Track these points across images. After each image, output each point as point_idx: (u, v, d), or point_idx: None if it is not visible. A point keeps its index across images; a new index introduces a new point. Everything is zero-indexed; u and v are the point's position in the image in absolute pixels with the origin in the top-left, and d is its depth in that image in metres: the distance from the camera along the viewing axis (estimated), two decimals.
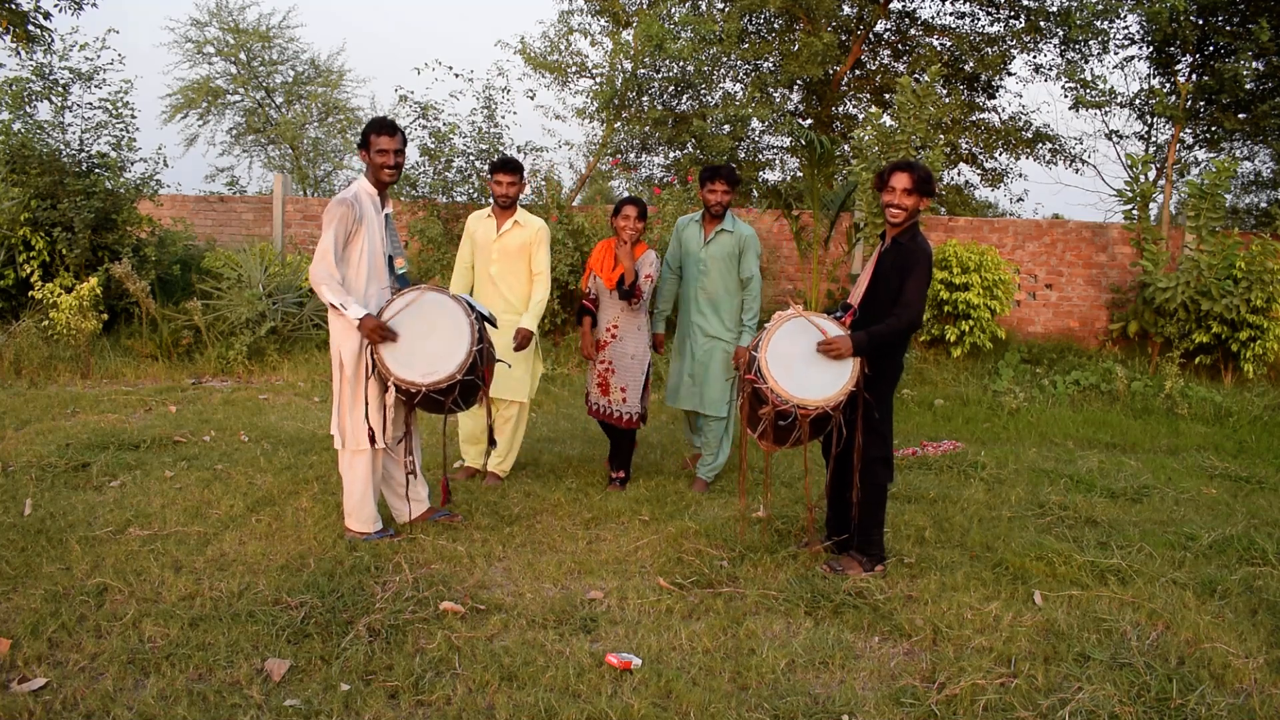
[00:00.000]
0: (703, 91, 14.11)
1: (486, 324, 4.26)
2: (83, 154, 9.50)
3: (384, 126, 4.10)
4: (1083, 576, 3.92)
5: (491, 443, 4.43)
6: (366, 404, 4.08)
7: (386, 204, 4.22)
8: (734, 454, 5.89)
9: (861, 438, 3.89)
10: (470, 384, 4.08)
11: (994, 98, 16.02)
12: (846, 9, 15.13)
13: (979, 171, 16.57)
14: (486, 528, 4.37)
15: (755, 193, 14.77)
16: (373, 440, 4.10)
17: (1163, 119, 12.24)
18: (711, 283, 5.18)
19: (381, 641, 3.14)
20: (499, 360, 4.50)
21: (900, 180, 3.85)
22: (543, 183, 10.40)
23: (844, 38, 15.25)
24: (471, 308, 4.13)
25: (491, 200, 5.19)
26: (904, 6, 15.83)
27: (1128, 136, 14.81)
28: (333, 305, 3.95)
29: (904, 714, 2.82)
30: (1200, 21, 11.12)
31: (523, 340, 5.01)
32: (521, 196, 5.27)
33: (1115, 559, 4.11)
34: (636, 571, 3.89)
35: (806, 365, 3.81)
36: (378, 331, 3.92)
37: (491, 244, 5.13)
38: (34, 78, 9.43)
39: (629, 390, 5.10)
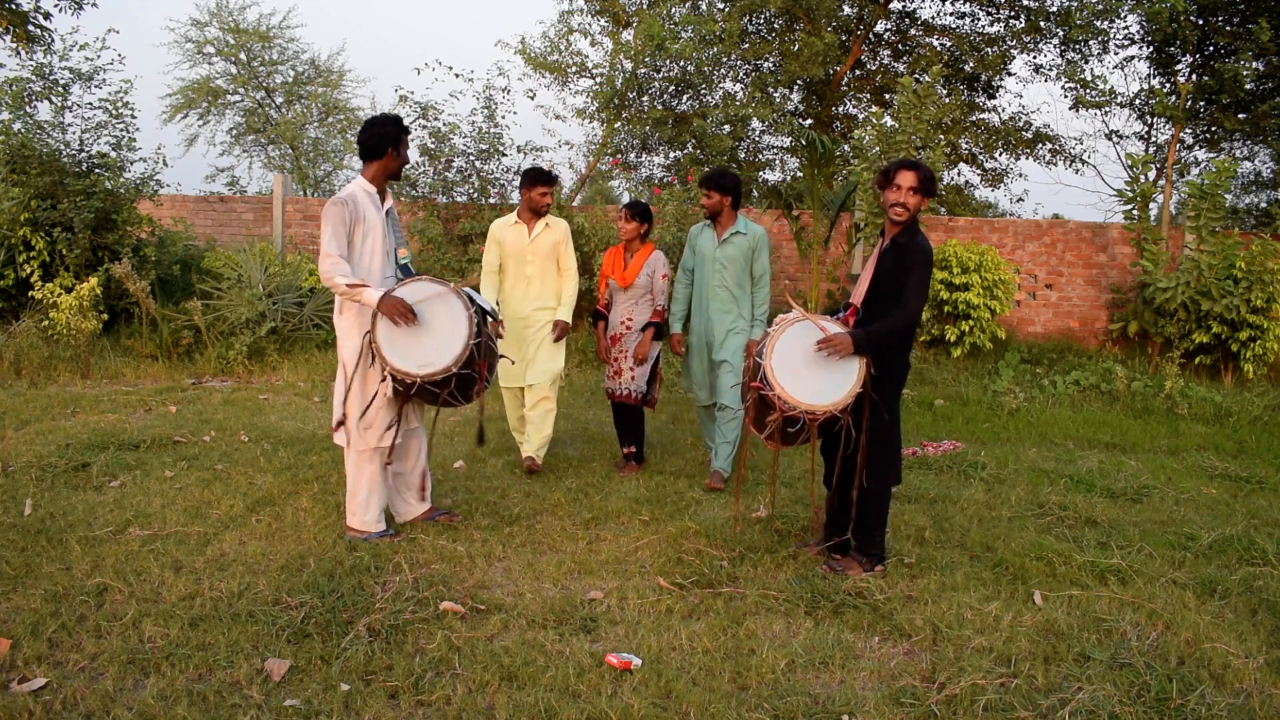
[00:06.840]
0: (703, 91, 14.11)
1: (489, 318, 4.27)
2: (83, 154, 9.50)
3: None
4: (1083, 576, 3.92)
5: (480, 441, 4.59)
6: (370, 401, 4.10)
7: (386, 200, 4.26)
8: (735, 454, 5.90)
9: (867, 439, 3.88)
10: (467, 377, 4.06)
11: (994, 98, 16.03)
12: (847, 9, 15.14)
13: (979, 171, 16.59)
14: (486, 528, 4.37)
15: (755, 193, 14.77)
16: (392, 448, 4.16)
17: (1163, 119, 12.25)
18: (728, 282, 5.32)
19: (381, 641, 3.14)
20: (502, 355, 4.59)
21: (906, 179, 3.83)
22: None
23: (844, 38, 15.25)
24: (472, 301, 4.11)
25: (518, 208, 5.49)
26: (904, 6, 15.83)
27: (1128, 136, 14.83)
28: (349, 291, 3.94)
29: (904, 714, 2.81)
30: (1200, 21, 11.13)
31: (561, 332, 5.41)
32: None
33: (1115, 559, 4.11)
34: (636, 571, 3.89)
35: (812, 369, 3.77)
36: (399, 307, 3.91)
37: (526, 248, 5.40)
38: (34, 78, 9.43)
39: (637, 370, 5.48)
